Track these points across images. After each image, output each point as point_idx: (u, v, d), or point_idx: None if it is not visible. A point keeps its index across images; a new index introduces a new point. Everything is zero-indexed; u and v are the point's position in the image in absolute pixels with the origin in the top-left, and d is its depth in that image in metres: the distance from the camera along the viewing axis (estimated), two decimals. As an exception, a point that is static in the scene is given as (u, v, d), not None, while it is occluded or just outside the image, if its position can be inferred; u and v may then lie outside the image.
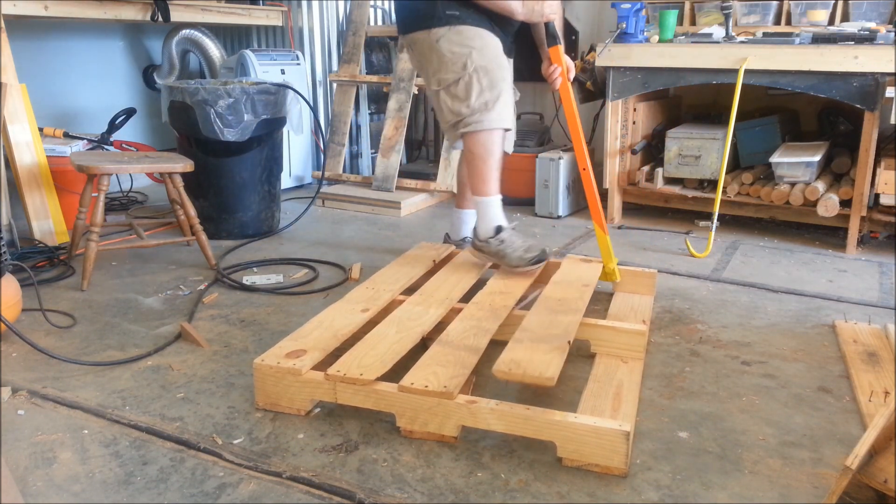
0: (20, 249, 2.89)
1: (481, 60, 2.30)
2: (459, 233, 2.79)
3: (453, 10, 2.32)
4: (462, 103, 2.32)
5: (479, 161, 2.37)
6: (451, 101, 2.34)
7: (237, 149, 3.10)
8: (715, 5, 3.61)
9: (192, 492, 1.44)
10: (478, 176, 2.39)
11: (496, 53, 2.36)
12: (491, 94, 2.30)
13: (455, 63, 2.31)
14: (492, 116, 2.32)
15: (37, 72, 3.85)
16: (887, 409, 1.37)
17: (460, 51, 2.31)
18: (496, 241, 2.38)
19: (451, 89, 2.33)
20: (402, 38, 2.52)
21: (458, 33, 2.32)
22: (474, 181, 2.41)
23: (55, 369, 1.97)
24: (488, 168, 2.37)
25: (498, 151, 2.38)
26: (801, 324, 2.30)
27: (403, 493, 1.44)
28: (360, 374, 1.66)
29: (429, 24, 2.34)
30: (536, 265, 2.34)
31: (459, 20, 2.32)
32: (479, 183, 2.39)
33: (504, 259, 2.36)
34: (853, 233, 3.02)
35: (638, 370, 1.91)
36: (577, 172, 3.71)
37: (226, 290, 2.60)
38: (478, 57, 2.30)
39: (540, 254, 2.33)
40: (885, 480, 1.30)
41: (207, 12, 3.90)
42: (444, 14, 2.32)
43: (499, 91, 2.32)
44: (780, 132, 3.38)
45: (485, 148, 2.34)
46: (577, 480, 1.48)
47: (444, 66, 2.34)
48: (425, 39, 2.37)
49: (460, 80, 2.31)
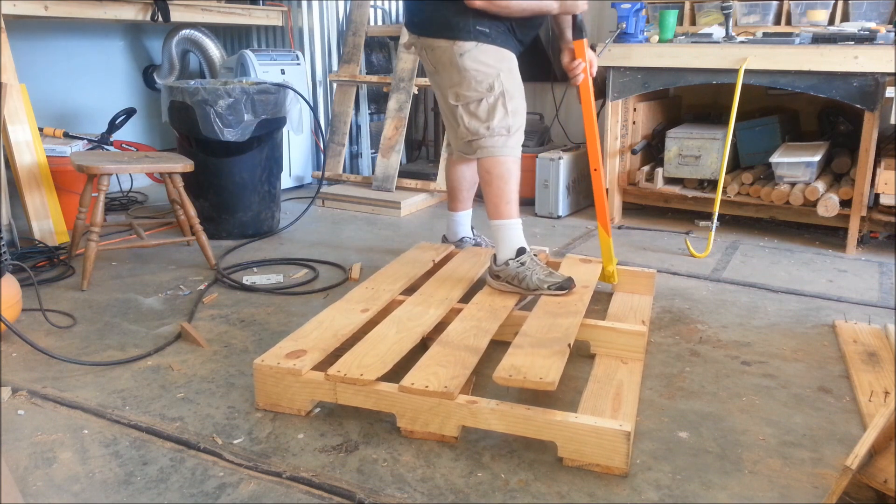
0: (20, 249, 2.89)
1: (508, 84, 2.24)
2: (456, 234, 2.78)
3: (484, 26, 2.21)
4: (482, 124, 2.25)
5: (501, 182, 2.28)
6: (468, 118, 2.27)
7: (237, 149, 3.10)
8: (715, 5, 3.61)
9: (192, 492, 1.44)
10: (498, 197, 2.28)
11: (519, 78, 2.31)
12: (514, 121, 2.25)
13: (480, 83, 2.23)
14: (511, 143, 2.27)
15: (37, 72, 3.85)
16: (887, 409, 1.37)
17: (487, 70, 2.22)
18: (516, 264, 2.24)
19: (470, 107, 2.26)
20: (413, 38, 2.39)
21: (486, 52, 2.23)
22: (494, 202, 2.29)
23: (55, 369, 1.97)
24: (510, 190, 2.28)
25: (517, 173, 2.30)
26: (801, 324, 2.30)
27: (403, 493, 1.44)
28: (361, 375, 1.66)
29: (454, 36, 2.22)
30: (558, 292, 2.18)
31: (489, 38, 2.22)
32: (501, 204, 2.28)
33: (523, 282, 2.20)
34: (853, 233, 3.02)
35: (638, 370, 1.91)
36: (577, 173, 3.75)
37: (226, 290, 2.60)
38: (506, 79, 2.24)
39: (564, 282, 2.19)
40: (885, 480, 1.30)
41: (207, 12, 3.90)
42: (473, 29, 2.21)
43: (521, 119, 2.28)
44: (780, 132, 3.38)
45: (506, 170, 2.28)
46: (577, 480, 1.48)
47: (465, 82, 2.24)
48: (447, 50, 2.24)
49: (483, 101, 2.24)
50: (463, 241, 2.75)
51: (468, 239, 2.77)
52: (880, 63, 2.77)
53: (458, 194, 2.70)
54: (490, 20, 2.22)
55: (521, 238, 2.29)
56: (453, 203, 2.75)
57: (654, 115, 3.77)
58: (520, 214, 2.32)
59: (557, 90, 4.35)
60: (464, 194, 2.71)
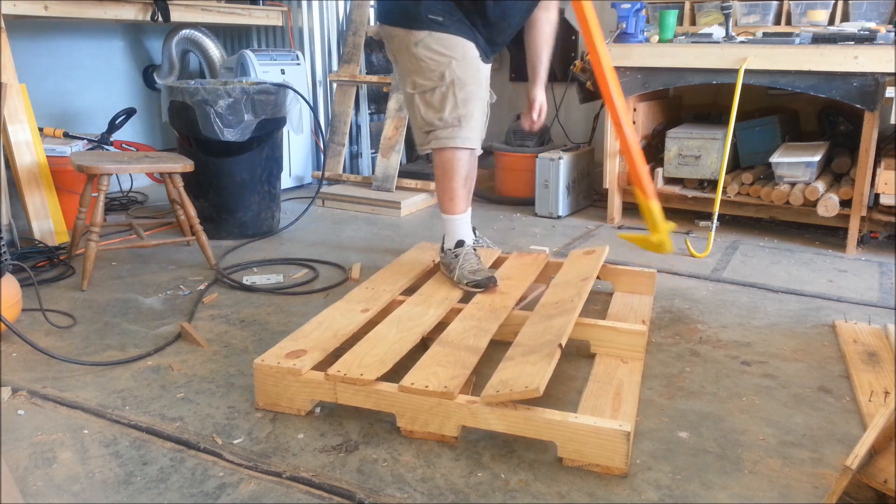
0: (20, 249, 2.88)
1: (460, 72, 2.23)
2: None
3: (437, 14, 2.21)
4: (436, 114, 2.25)
5: (447, 178, 2.33)
6: (424, 108, 2.28)
7: (237, 149, 3.10)
8: (715, 5, 3.62)
9: (192, 492, 1.44)
10: (444, 193, 2.35)
11: (475, 66, 2.28)
12: (465, 110, 2.24)
13: (433, 71, 2.23)
14: (463, 134, 2.26)
15: (37, 72, 3.84)
16: (887, 409, 1.37)
17: (439, 59, 2.22)
18: (451, 254, 2.35)
19: (426, 97, 2.27)
20: (378, 27, 2.44)
21: (438, 41, 2.22)
22: (441, 197, 2.38)
23: (55, 369, 1.97)
24: (455, 186, 2.33)
25: (464, 169, 2.32)
26: (801, 324, 2.30)
27: (403, 493, 1.44)
28: (361, 375, 1.66)
29: (409, 24, 2.25)
30: (474, 288, 2.23)
31: (442, 27, 2.22)
32: (446, 200, 2.36)
33: (452, 273, 2.31)
34: (853, 233, 3.02)
35: (638, 370, 1.91)
36: (577, 173, 3.75)
37: (226, 290, 2.60)
38: (457, 68, 2.22)
39: (483, 280, 2.23)
40: (885, 480, 1.30)
41: (207, 12, 3.90)
42: (426, 17, 2.21)
43: (472, 108, 2.26)
44: (780, 132, 3.38)
45: (451, 166, 2.30)
46: (577, 480, 1.48)
47: (421, 71, 2.26)
48: (403, 39, 2.28)
49: (436, 90, 2.24)
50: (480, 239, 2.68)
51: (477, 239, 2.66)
52: (880, 63, 2.77)
53: None
54: (443, 8, 2.21)
55: (463, 231, 2.39)
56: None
57: (654, 115, 3.77)
58: (468, 207, 2.41)
59: (557, 90, 4.35)
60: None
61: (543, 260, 2.51)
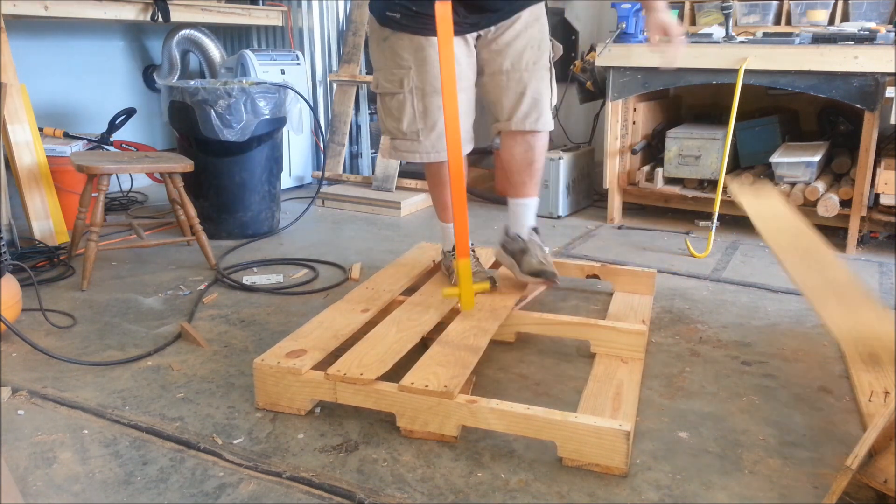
0: (20, 249, 2.88)
1: (419, 81, 2.02)
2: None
3: (394, 11, 1.97)
4: (395, 123, 2.09)
5: (431, 188, 2.29)
6: (384, 113, 2.12)
7: (237, 149, 3.10)
8: (715, 5, 3.61)
9: (192, 492, 1.44)
10: (434, 201, 2.33)
11: (435, 74, 1.99)
12: (423, 124, 2.06)
13: (394, 75, 2.04)
14: (423, 147, 2.10)
15: (37, 72, 3.84)
16: (887, 409, 1.37)
17: (400, 63, 2.02)
18: (450, 256, 2.30)
19: (386, 101, 2.09)
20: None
21: (399, 42, 2.01)
22: (433, 204, 2.36)
23: (55, 369, 1.97)
24: (440, 195, 2.28)
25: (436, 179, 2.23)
26: (801, 324, 2.30)
27: (403, 493, 1.44)
28: (361, 374, 1.66)
29: (379, 18, 2.03)
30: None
31: (400, 25, 1.99)
32: (438, 209, 2.34)
33: (451, 274, 2.25)
34: (853, 233, 3.02)
35: (638, 370, 1.91)
36: (577, 172, 3.76)
37: (226, 290, 2.60)
38: (416, 76, 2.01)
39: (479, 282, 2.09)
40: (885, 480, 1.30)
41: (207, 12, 3.90)
42: (384, 14, 2.00)
43: (433, 120, 2.05)
44: (780, 132, 3.38)
45: (430, 177, 2.26)
46: (577, 480, 1.48)
47: (385, 71, 2.07)
48: (375, 31, 2.08)
49: (395, 96, 2.06)
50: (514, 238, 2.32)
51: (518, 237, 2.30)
52: (880, 63, 2.77)
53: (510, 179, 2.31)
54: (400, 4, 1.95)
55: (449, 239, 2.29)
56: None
57: (654, 115, 3.77)
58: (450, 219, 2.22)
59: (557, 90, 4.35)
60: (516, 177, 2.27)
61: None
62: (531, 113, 2.12)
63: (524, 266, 2.19)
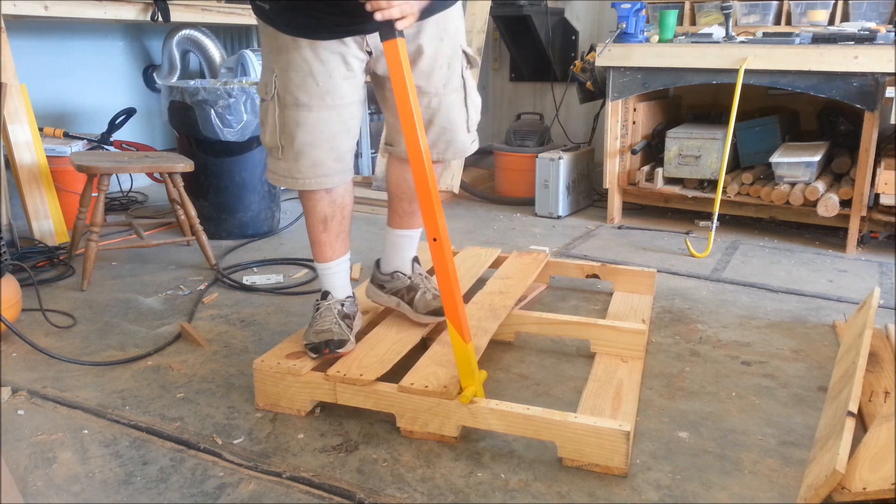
0: (20, 249, 2.88)
1: (280, 88, 1.65)
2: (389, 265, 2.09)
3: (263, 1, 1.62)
4: (262, 133, 1.76)
5: (306, 218, 1.84)
6: (262, 126, 1.76)
7: (237, 149, 3.10)
8: (715, 5, 3.62)
9: (192, 492, 1.44)
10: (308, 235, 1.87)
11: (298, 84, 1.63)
12: (284, 140, 1.69)
13: (262, 77, 1.72)
14: (292, 169, 1.71)
15: (37, 72, 3.84)
16: (888, 410, 1.37)
17: (267, 64, 1.69)
18: (314, 306, 1.90)
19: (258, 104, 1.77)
20: None
21: (267, 36, 1.66)
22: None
23: (55, 369, 1.97)
24: (312, 229, 1.84)
25: (313, 212, 1.80)
26: (801, 324, 2.30)
27: (403, 493, 1.44)
28: (360, 375, 1.66)
29: (252, 6, 1.68)
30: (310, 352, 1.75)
31: (268, 19, 1.64)
32: (311, 244, 1.88)
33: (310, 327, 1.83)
34: (853, 233, 3.02)
35: (638, 370, 1.91)
36: (577, 173, 3.75)
37: (226, 290, 2.60)
38: (278, 82, 1.65)
39: (319, 344, 1.74)
40: (864, 488, 1.30)
41: (207, 12, 3.90)
42: (255, 3, 1.65)
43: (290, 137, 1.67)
44: (780, 132, 3.38)
45: (303, 204, 1.82)
46: (577, 480, 1.48)
47: (263, 70, 1.74)
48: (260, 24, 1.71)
49: (262, 103, 1.72)
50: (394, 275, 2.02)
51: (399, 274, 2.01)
52: (880, 63, 2.77)
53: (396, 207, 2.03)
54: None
55: (330, 282, 1.89)
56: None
57: (654, 115, 3.77)
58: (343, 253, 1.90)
59: (557, 90, 4.35)
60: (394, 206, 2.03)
61: (543, 260, 2.51)
62: (438, 142, 1.82)
63: (419, 306, 1.92)
